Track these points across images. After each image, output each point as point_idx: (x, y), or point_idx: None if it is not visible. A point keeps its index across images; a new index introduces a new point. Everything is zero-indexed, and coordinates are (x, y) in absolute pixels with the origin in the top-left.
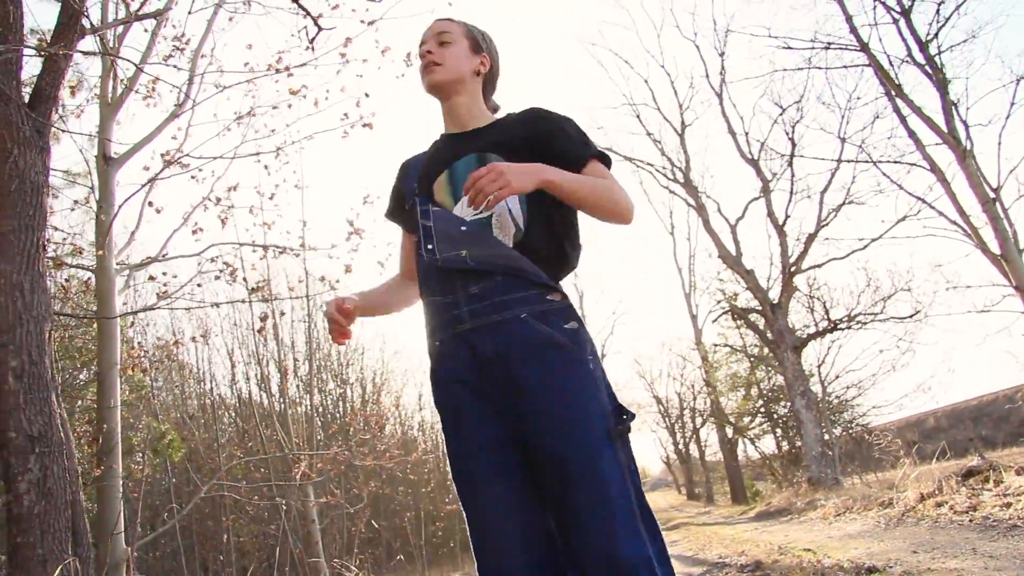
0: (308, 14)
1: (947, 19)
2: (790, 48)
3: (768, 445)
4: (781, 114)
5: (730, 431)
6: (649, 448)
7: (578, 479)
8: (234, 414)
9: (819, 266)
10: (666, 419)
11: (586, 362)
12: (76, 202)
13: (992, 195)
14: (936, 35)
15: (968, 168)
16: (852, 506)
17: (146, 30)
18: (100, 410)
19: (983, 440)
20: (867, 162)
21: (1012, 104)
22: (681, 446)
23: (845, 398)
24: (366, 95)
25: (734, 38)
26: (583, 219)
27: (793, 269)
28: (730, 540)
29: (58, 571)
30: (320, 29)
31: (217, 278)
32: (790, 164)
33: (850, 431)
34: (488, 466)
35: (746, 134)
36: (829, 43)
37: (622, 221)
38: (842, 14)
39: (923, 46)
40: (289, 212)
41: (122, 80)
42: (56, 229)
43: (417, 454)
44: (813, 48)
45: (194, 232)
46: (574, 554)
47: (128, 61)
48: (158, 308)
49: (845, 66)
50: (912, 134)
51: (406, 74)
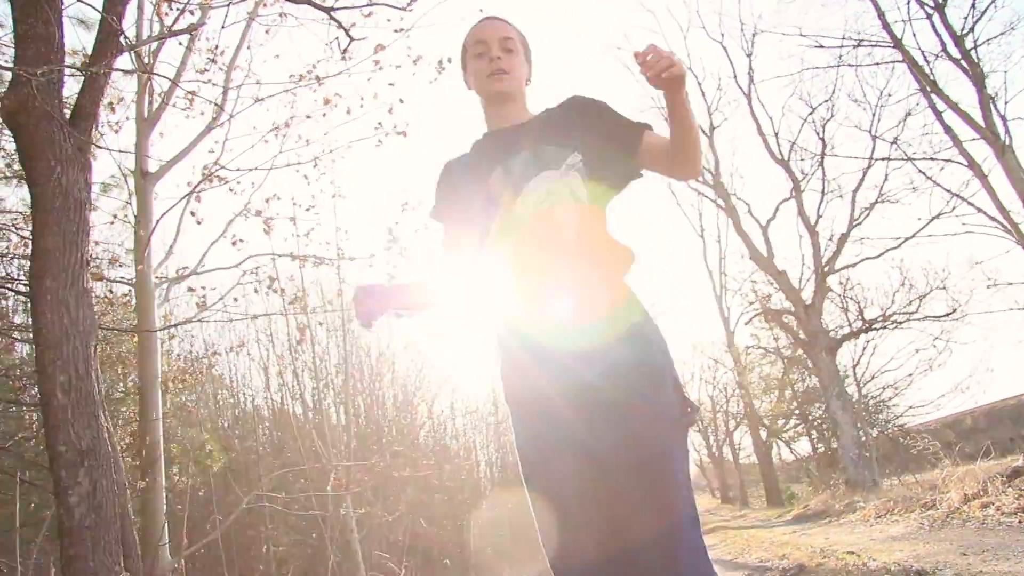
0: (340, 25)
1: (983, 12)
2: (821, 46)
3: (803, 447)
4: (811, 113)
5: (764, 434)
6: None
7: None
8: (268, 425)
9: (852, 266)
10: (699, 422)
11: (659, 352)
12: (115, 216)
13: None
14: (972, 29)
15: (1007, 163)
16: (893, 508)
17: (180, 44)
18: (143, 422)
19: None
20: (902, 159)
21: None
22: (714, 449)
23: (882, 399)
24: (400, 101)
25: (762, 39)
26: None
27: (826, 269)
28: (769, 543)
29: None
30: (352, 40)
31: (256, 291)
32: (821, 163)
33: (887, 432)
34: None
35: (776, 134)
36: (860, 40)
37: (698, 164)
38: (874, 10)
39: (958, 40)
40: (326, 221)
41: (158, 94)
42: (97, 243)
43: (453, 464)
44: (843, 46)
45: (234, 243)
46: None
47: (164, 77)
48: (199, 321)
49: (877, 63)
50: (948, 130)
51: (438, 78)
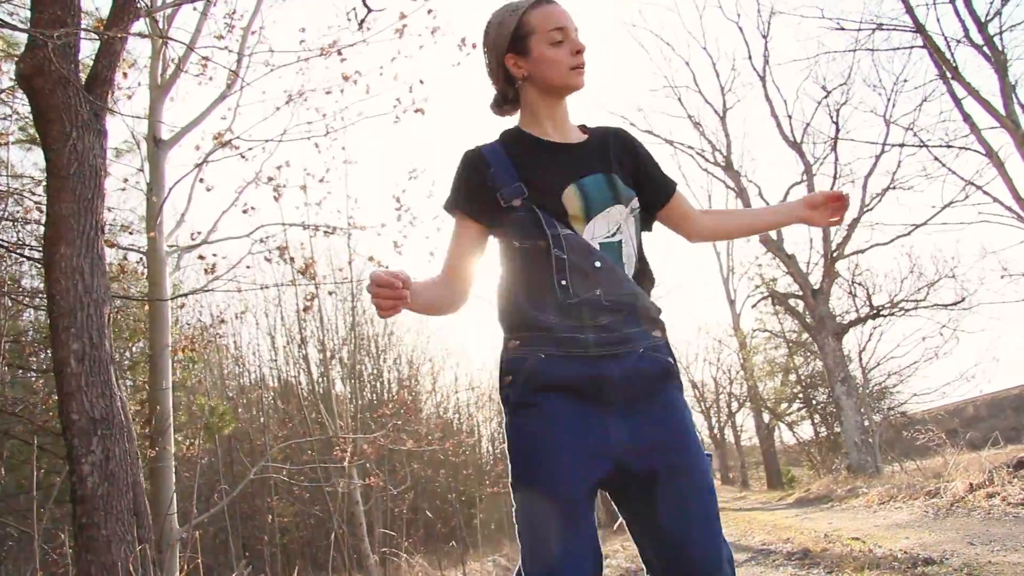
0: None
1: None
2: (842, 28)
3: (805, 431)
4: (826, 96)
5: (767, 416)
6: None
7: (697, 495)
8: (273, 395)
9: (862, 251)
10: (701, 403)
11: (682, 392)
12: (126, 181)
13: None
14: (999, 13)
15: None
16: (896, 495)
17: (195, 9)
18: (153, 391)
19: None
20: (917, 146)
21: None
22: (716, 431)
23: (886, 385)
24: (420, 82)
25: (779, 20)
26: None
27: (835, 254)
28: (772, 526)
29: (122, 552)
30: (369, 10)
31: (268, 260)
32: (834, 148)
33: (889, 418)
34: (577, 472)
35: (789, 117)
36: (881, 23)
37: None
38: None
39: (982, 26)
40: (337, 190)
41: (172, 60)
42: (109, 210)
43: (457, 439)
44: (863, 29)
45: (245, 211)
46: (678, 562)
47: (179, 42)
48: (210, 290)
49: (897, 48)
50: (967, 117)
51: (462, 62)
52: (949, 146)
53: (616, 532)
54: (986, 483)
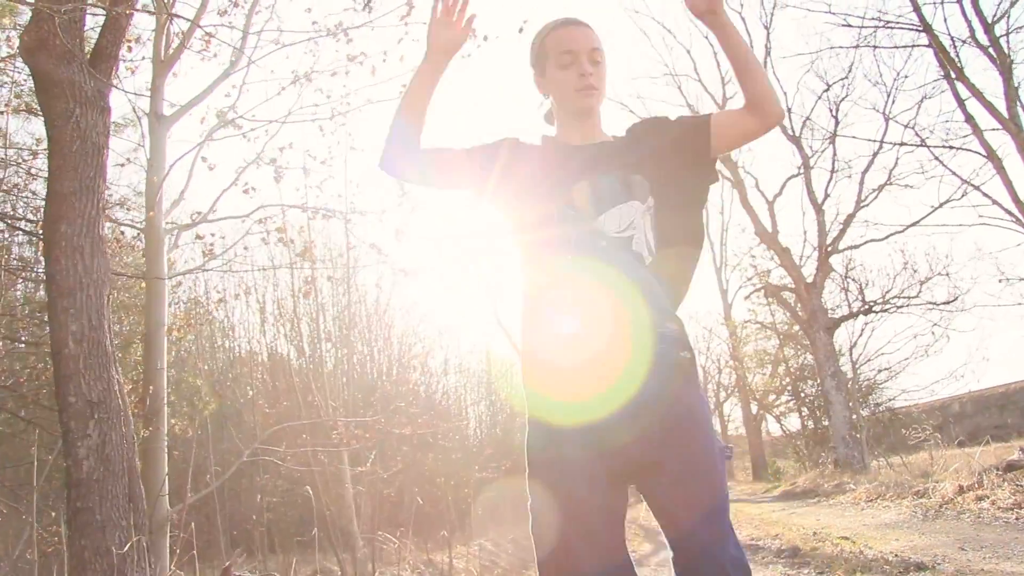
0: None
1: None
2: (848, 25)
3: (793, 424)
4: (826, 90)
5: (755, 407)
6: None
7: (705, 489)
8: (263, 371)
9: (856, 247)
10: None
11: (701, 388)
12: (128, 159)
13: None
14: (1007, 15)
15: None
16: (884, 493)
17: None
18: (147, 371)
19: (1009, 428)
20: (916, 144)
21: None
22: None
23: (876, 381)
24: None
25: (780, 12)
26: None
27: (830, 249)
28: (759, 520)
29: (116, 537)
30: None
31: (265, 242)
32: (832, 142)
33: (877, 414)
34: (596, 469)
35: (789, 110)
36: (887, 21)
37: (774, 96)
38: None
39: (988, 27)
40: (339, 174)
41: (177, 34)
42: (108, 186)
43: (455, 423)
44: (867, 27)
45: (245, 191)
46: (691, 554)
47: (183, 18)
48: (207, 270)
49: (898, 46)
50: (969, 118)
51: (472, 54)
52: (950, 147)
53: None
54: (976, 485)
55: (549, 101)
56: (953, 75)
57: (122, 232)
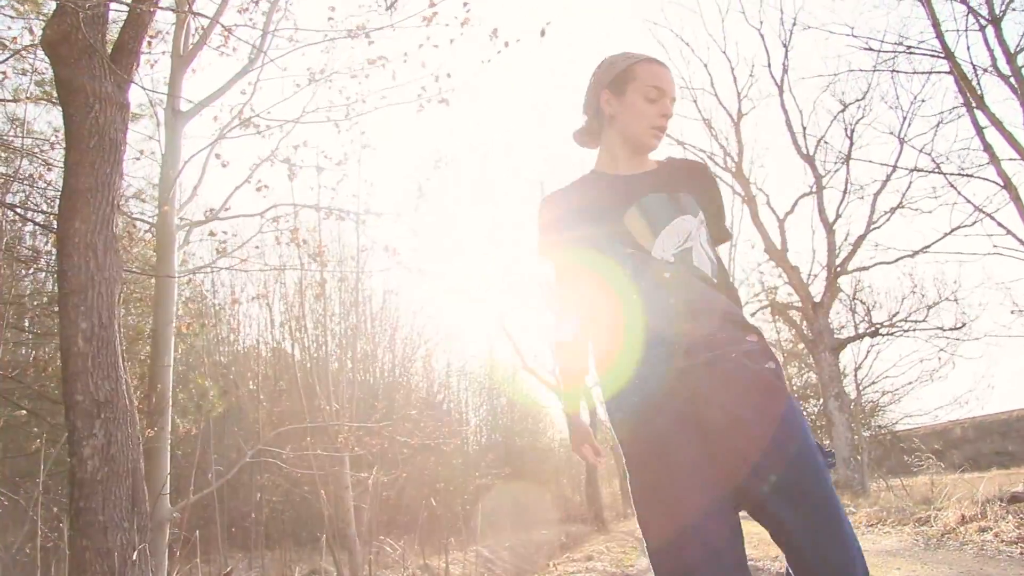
0: None
1: None
2: (871, 49)
3: None
4: (842, 111)
5: None
6: None
7: (818, 503)
8: (267, 367)
9: (866, 268)
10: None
11: (792, 398)
12: (142, 152)
13: None
14: None
15: None
16: (885, 518)
17: None
18: (154, 368)
19: (1010, 455)
20: (931, 171)
21: None
22: None
23: (881, 403)
24: (448, 75)
25: (804, 34)
26: None
27: (839, 269)
28: (757, 540)
29: (119, 540)
30: None
31: (278, 242)
32: (846, 163)
33: (878, 436)
34: (699, 487)
35: (804, 129)
36: (910, 47)
37: None
38: (929, 19)
39: (1011, 57)
40: (353, 173)
41: (197, 30)
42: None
43: (448, 428)
44: (885, 51)
45: (258, 189)
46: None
47: (204, 16)
48: (218, 269)
49: (917, 71)
50: (988, 147)
51: (492, 59)
52: (966, 174)
53: (598, 531)
54: (979, 516)
55: (595, 120)
56: (973, 103)
57: (135, 226)
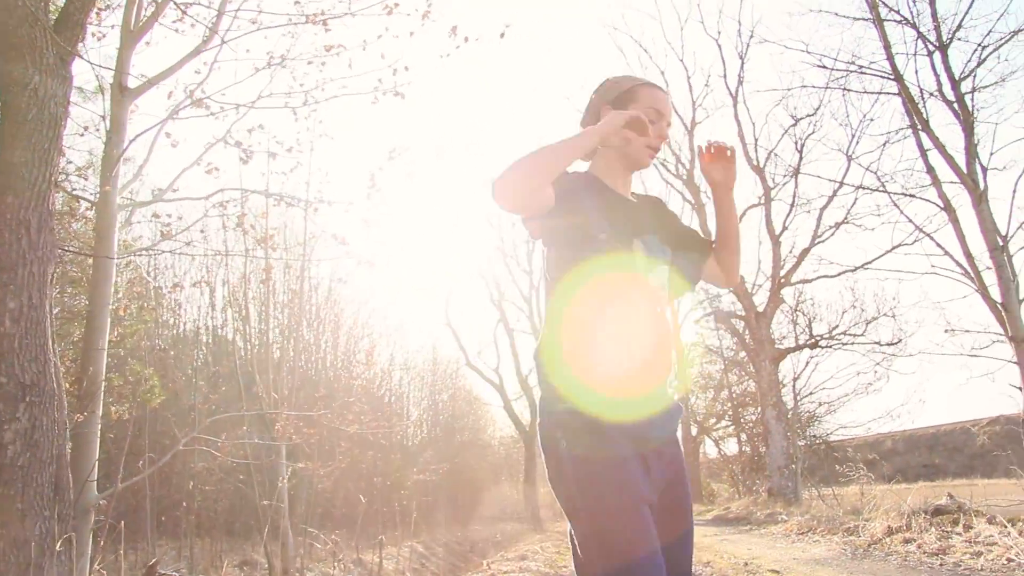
0: None
1: (984, 59)
2: (824, 67)
3: (730, 448)
4: (794, 125)
5: (695, 430)
6: None
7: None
8: (206, 351)
9: (809, 281)
10: None
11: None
12: (86, 128)
13: (1001, 242)
14: (973, 74)
15: (982, 212)
16: (815, 527)
17: None
18: (86, 351)
19: (936, 468)
20: (876, 189)
21: None
22: None
23: (816, 414)
24: (405, 68)
25: (760, 47)
26: None
27: (783, 280)
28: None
29: (38, 528)
30: None
31: (225, 227)
32: (795, 176)
33: (812, 446)
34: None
35: (755, 140)
36: (861, 66)
37: (738, 268)
38: (880, 40)
39: (955, 83)
40: (307, 161)
41: (149, 3)
42: (62, 154)
43: (388, 420)
44: (838, 69)
45: (208, 172)
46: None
47: None
48: (160, 252)
49: (874, 92)
50: (931, 169)
51: (451, 54)
52: (909, 194)
53: (534, 530)
54: (903, 527)
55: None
56: (919, 125)
57: (77, 202)
